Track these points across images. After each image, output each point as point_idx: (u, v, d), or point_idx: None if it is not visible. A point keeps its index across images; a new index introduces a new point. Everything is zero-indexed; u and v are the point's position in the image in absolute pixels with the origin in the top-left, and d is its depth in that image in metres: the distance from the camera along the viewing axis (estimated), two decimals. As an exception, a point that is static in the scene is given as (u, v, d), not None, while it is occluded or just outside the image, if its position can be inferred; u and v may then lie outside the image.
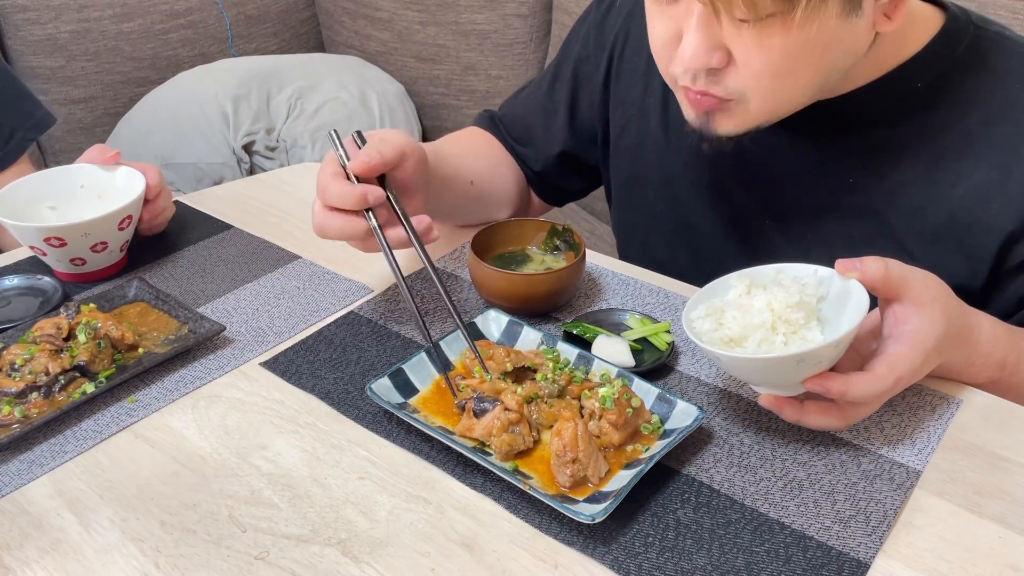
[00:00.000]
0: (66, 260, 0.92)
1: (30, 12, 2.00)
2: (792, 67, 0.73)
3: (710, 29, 0.71)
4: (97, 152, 0.99)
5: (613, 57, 1.01)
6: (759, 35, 0.70)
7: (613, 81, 1.01)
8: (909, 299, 0.69)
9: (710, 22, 0.71)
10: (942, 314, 0.69)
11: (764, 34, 0.70)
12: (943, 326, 0.69)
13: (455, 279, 0.93)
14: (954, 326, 0.71)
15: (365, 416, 0.75)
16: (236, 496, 0.67)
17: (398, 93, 2.23)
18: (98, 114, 2.14)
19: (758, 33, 0.70)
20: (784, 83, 0.74)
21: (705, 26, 0.71)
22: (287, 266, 0.96)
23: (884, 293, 0.70)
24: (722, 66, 0.73)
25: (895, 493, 0.66)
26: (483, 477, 0.68)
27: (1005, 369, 0.77)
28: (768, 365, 0.67)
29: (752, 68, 0.72)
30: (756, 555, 0.62)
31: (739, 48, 0.72)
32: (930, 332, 0.69)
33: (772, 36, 0.70)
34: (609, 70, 1.02)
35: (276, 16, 2.36)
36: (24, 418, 0.73)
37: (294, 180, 1.17)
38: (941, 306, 0.70)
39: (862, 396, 0.67)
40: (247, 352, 0.83)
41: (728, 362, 0.69)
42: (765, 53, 0.71)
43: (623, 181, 1.04)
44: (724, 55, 0.73)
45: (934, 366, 0.71)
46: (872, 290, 0.69)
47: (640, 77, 0.98)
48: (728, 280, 0.74)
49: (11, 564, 0.62)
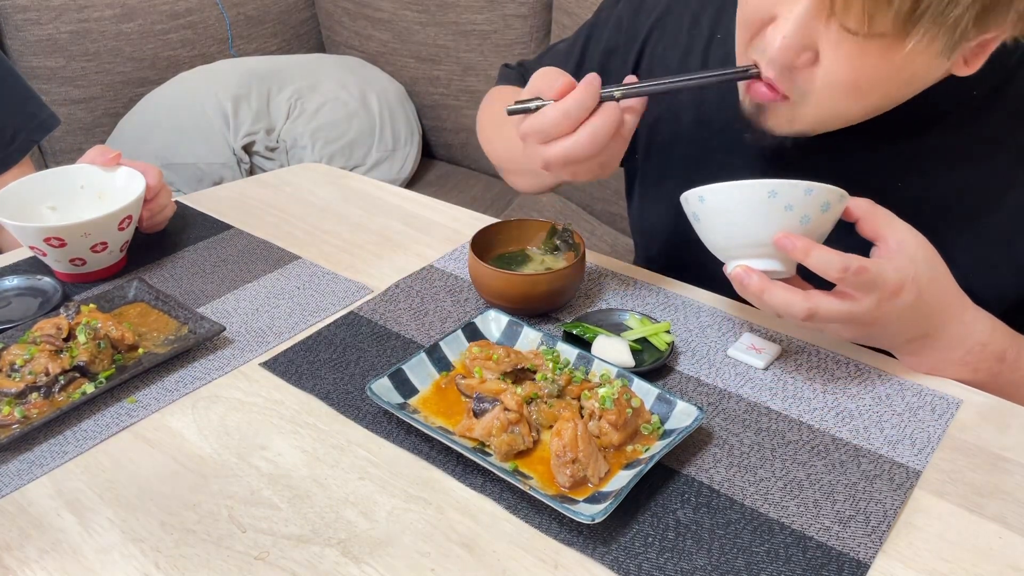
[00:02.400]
0: (66, 260, 0.92)
1: (30, 12, 2.00)
2: (871, 88, 0.71)
3: (810, 27, 0.68)
4: (98, 153, 1.00)
5: (645, 49, 0.99)
6: (860, 49, 0.67)
7: (642, 74, 0.99)
8: (894, 238, 0.71)
9: (813, 20, 0.68)
10: (925, 260, 0.71)
11: (865, 50, 0.67)
12: (925, 269, 0.71)
13: (455, 279, 0.93)
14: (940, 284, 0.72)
15: (365, 416, 0.75)
16: (236, 496, 0.67)
17: (398, 93, 2.23)
18: (98, 114, 2.14)
19: (859, 48, 0.67)
20: (853, 100, 0.73)
21: (806, 23, 0.68)
22: (287, 266, 0.96)
23: (870, 228, 0.72)
24: (805, 66, 0.71)
25: (895, 493, 0.66)
26: (483, 477, 0.68)
27: (1005, 362, 0.77)
28: (741, 195, 0.69)
29: (833, 77, 0.70)
30: (756, 555, 0.62)
31: (831, 54, 0.69)
32: (908, 264, 0.70)
33: (870, 55, 0.68)
34: (639, 62, 1.00)
35: (276, 16, 2.36)
36: (24, 418, 0.73)
37: (294, 180, 1.17)
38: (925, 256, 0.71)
39: (821, 262, 0.68)
40: (247, 352, 0.83)
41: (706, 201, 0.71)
42: (856, 68, 0.69)
43: (652, 179, 1.02)
44: (812, 56, 0.70)
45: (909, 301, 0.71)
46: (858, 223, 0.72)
47: (673, 72, 0.96)
48: None
49: (11, 564, 0.62)
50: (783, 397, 0.76)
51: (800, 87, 0.73)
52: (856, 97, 0.72)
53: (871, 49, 0.67)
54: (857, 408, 0.75)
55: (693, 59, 0.95)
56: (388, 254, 0.99)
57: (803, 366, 0.80)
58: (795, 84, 0.73)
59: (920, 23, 0.64)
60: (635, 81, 0.79)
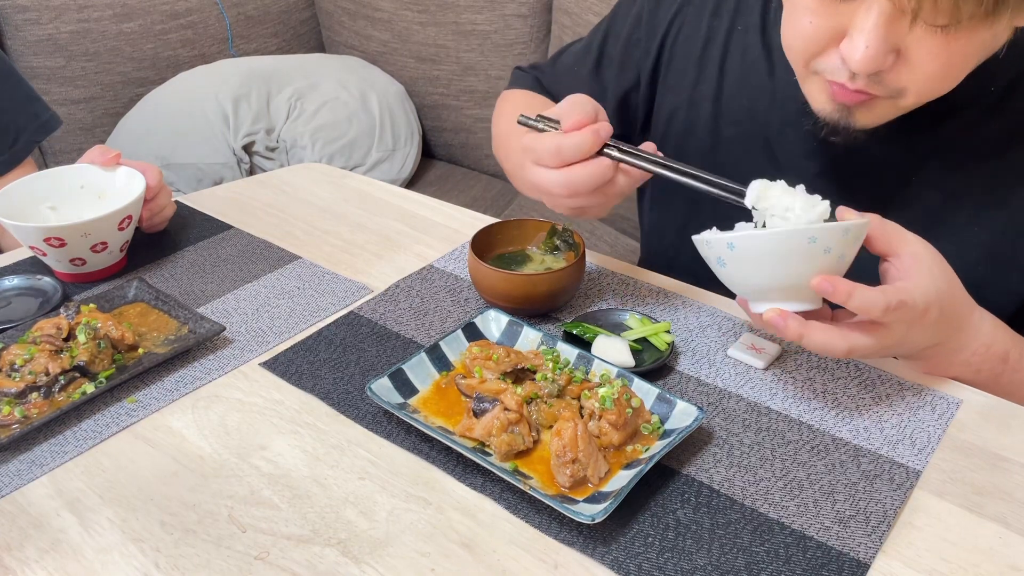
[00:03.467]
0: (66, 260, 0.92)
1: (30, 12, 1.99)
2: (963, 68, 0.71)
3: (892, 30, 0.67)
4: (98, 154, 1.00)
5: (665, 44, 0.99)
6: (947, 40, 0.67)
7: (663, 68, 1.00)
8: (907, 252, 0.70)
9: (894, 23, 0.67)
10: (942, 274, 0.70)
11: (952, 38, 0.67)
12: (943, 284, 0.70)
13: (455, 279, 0.93)
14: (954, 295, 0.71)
15: (365, 416, 0.75)
16: (236, 496, 0.67)
17: (398, 93, 2.23)
18: (98, 114, 2.14)
19: (947, 38, 0.67)
20: (948, 82, 0.72)
21: (888, 27, 0.67)
22: (287, 266, 0.96)
23: (881, 245, 0.71)
24: (891, 67, 0.70)
25: (895, 493, 0.66)
26: (483, 477, 0.68)
27: (1008, 363, 0.77)
28: (778, 243, 0.67)
29: (927, 70, 0.69)
30: (756, 555, 0.62)
31: (919, 50, 0.68)
32: (929, 281, 0.69)
33: (958, 39, 0.67)
34: (660, 55, 1.00)
35: (276, 16, 2.36)
36: (24, 418, 0.73)
37: (294, 180, 1.17)
38: (940, 268, 0.71)
39: (864, 304, 0.67)
40: (247, 352, 0.83)
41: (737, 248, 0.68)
42: (946, 57, 0.68)
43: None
44: (895, 57, 0.69)
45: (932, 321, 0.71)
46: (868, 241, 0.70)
47: (693, 64, 0.96)
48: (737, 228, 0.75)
49: (11, 564, 0.62)
50: (783, 397, 0.76)
51: (895, 86, 0.72)
52: (953, 77, 0.71)
53: (958, 36, 0.66)
54: (857, 408, 0.75)
55: (714, 48, 0.95)
56: (388, 254, 0.99)
57: (803, 366, 0.80)
58: (887, 84, 0.71)
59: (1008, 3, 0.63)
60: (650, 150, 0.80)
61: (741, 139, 0.92)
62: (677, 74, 0.98)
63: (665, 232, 1.06)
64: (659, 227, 1.07)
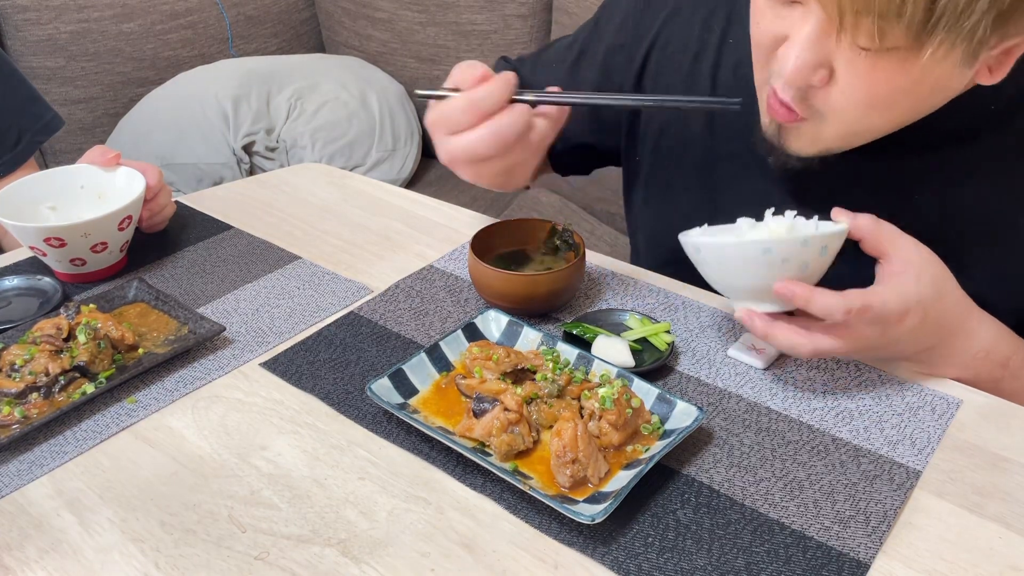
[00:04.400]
0: (66, 260, 0.92)
1: (30, 12, 2.00)
2: (892, 103, 0.69)
3: (822, 45, 0.67)
4: (98, 154, 0.99)
5: (651, 52, 0.97)
6: (874, 64, 0.66)
7: (650, 77, 0.97)
8: (898, 257, 0.70)
9: (824, 38, 0.66)
10: (931, 281, 0.70)
11: (880, 65, 0.66)
12: (930, 290, 0.70)
13: (455, 279, 0.93)
14: (945, 302, 0.71)
15: (365, 416, 0.75)
16: (236, 496, 0.67)
17: (398, 93, 2.23)
18: (98, 114, 2.14)
19: (873, 63, 0.66)
20: (875, 115, 0.71)
21: (817, 42, 0.67)
22: (287, 266, 0.96)
23: (873, 246, 0.71)
24: (821, 84, 0.69)
25: (895, 493, 0.66)
26: (483, 477, 0.68)
27: (1008, 368, 0.77)
28: (736, 252, 0.70)
29: (851, 94, 0.68)
30: (756, 555, 0.62)
31: (846, 71, 0.67)
32: (912, 287, 0.69)
33: (886, 69, 0.66)
34: (645, 65, 0.97)
35: (276, 16, 2.36)
36: (24, 418, 0.73)
37: (294, 180, 1.17)
38: (931, 275, 0.70)
39: (824, 308, 0.68)
40: (247, 352, 0.83)
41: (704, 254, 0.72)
42: (872, 84, 0.67)
43: (659, 184, 1.00)
44: (827, 74, 0.69)
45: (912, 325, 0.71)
46: (863, 244, 0.71)
47: (683, 78, 0.94)
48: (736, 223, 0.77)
49: (11, 564, 0.62)
50: (783, 397, 0.76)
51: (817, 107, 0.71)
52: (878, 112, 0.70)
53: (886, 63, 0.65)
54: (857, 408, 0.75)
55: (705, 62, 0.92)
56: (388, 254, 0.99)
57: (803, 366, 0.80)
58: (812, 104, 0.71)
59: (935, 33, 0.61)
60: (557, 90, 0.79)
61: (736, 155, 0.90)
62: (665, 88, 0.96)
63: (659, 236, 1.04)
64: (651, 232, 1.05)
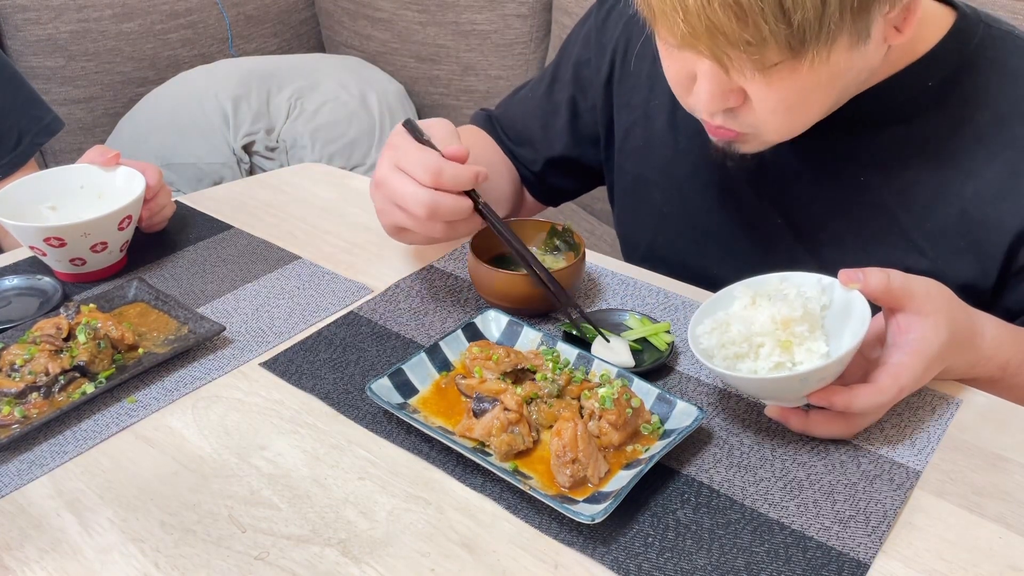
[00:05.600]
0: (66, 260, 0.92)
1: (30, 12, 2.00)
2: (806, 100, 0.73)
3: (720, 77, 0.71)
4: (98, 154, 0.99)
5: (615, 60, 1.01)
6: (769, 80, 0.70)
7: (616, 84, 1.01)
8: (912, 309, 0.69)
9: (721, 71, 0.70)
10: (945, 323, 0.70)
11: (775, 78, 0.70)
12: (946, 334, 0.69)
13: (455, 279, 0.93)
14: (958, 333, 0.71)
15: (365, 416, 0.75)
16: (236, 496, 0.67)
17: (398, 93, 2.23)
18: (98, 114, 2.14)
19: (769, 80, 0.70)
20: (798, 114, 0.75)
21: (716, 75, 0.71)
22: (287, 266, 0.96)
23: (887, 304, 0.70)
24: (739, 104, 0.74)
25: (895, 493, 0.66)
26: (483, 477, 0.68)
27: (1007, 370, 0.77)
28: (773, 384, 0.68)
29: (767, 106, 0.73)
30: (756, 555, 0.62)
31: (754, 91, 0.72)
32: (933, 341, 0.69)
33: (784, 79, 0.70)
34: (611, 73, 1.01)
35: (276, 16, 2.36)
36: (24, 418, 0.73)
37: (294, 180, 1.17)
38: (944, 315, 0.70)
39: (865, 408, 0.68)
40: (247, 352, 0.83)
41: (734, 381, 0.70)
42: (780, 93, 0.71)
43: (629, 183, 1.03)
44: (740, 94, 0.73)
45: (937, 372, 0.71)
46: (875, 301, 0.70)
47: (644, 79, 0.98)
48: (732, 291, 0.74)
49: (11, 564, 0.62)
50: (783, 397, 0.76)
51: (749, 122, 0.75)
52: (800, 111, 0.75)
53: (781, 76, 0.70)
54: (857, 408, 0.75)
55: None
56: (388, 254, 0.99)
57: (803, 366, 0.80)
58: (742, 121, 0.75)
59: (806, 43, 0.65)
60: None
61: (699, 150, 0.92)
62: (629, 90, 1.00)
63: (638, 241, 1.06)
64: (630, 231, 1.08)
